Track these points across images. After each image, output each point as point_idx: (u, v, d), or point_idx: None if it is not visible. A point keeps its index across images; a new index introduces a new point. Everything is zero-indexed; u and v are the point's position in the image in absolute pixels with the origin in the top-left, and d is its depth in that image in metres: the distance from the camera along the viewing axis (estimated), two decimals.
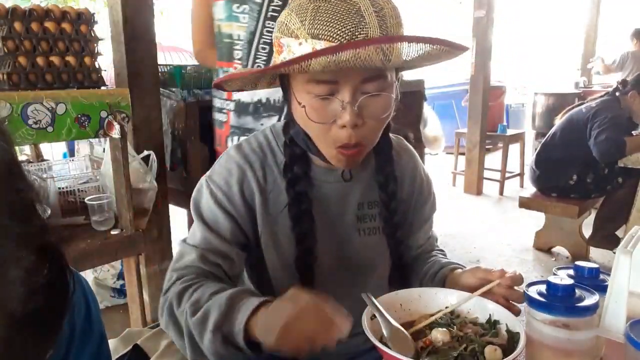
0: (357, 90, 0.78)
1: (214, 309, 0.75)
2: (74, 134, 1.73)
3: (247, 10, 1.79)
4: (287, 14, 0.78)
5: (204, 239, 0.88)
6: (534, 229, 3.58)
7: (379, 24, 0.74)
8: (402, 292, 0.83)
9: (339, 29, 0.73)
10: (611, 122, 2.80)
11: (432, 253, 1.08)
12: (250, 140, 0.96)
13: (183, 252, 0.89)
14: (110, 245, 1.85)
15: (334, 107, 0.79)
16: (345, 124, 0.78)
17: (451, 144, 5.46)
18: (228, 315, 0.74)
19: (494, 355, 0.68)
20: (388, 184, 0.96)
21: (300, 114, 0.82)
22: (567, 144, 3.04)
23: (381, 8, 0.75)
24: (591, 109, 2.95)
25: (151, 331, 0.97)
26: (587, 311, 0.70)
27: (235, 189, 0.90)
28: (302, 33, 0.75)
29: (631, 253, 0.73)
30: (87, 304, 0.64)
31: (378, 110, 0.81)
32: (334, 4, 0.74)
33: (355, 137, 0.80)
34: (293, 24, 0.76)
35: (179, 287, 0.82)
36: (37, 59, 1.72)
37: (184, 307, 0.80)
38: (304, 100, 0.80)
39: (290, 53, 0.77)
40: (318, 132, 0.82)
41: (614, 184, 3.00)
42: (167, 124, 2.64)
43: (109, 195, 1.94)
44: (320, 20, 0.74)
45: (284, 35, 0.78)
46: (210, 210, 0.90)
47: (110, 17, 2.14)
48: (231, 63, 1.90)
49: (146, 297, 2.32)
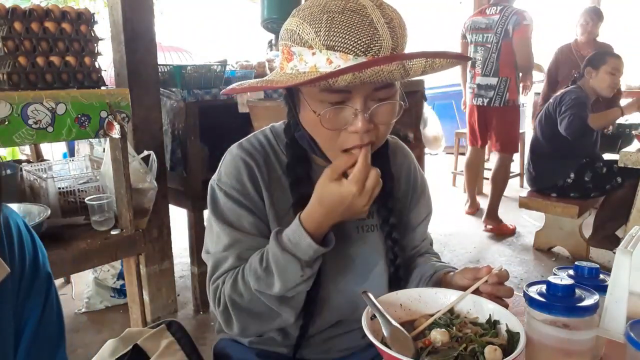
0: (368, 98, 0.80)
1: (269, 247, 0.84)
2: (74, 134, 1.74)
3: None
4: (298, 22, 0.79)
5: (233, 240, 0.90)
6: (534, 229, 3.59)
7: (391, 35, 0.76)
8: (402, 292, 0.83)
9: (355, 41, 0.74)
10: (575, 101, 2.98)
11: (426, 256, 1.08)
12: (251, 139, 0.98)
13: (217, 262, 0.91)
14: (110, 245, 1.85)
15: (345, 115, 0.81)
16: (357, 130, 0.80)
17: (451, 144, 5.46)
18: (281, 236, 0.83)
19: (494, 355, 0.68)
20: (385, 182, 0.97)
21: (312, 120, 0.83)
22: (550, 138, 3.13)
23: (391, 19, 0.77)
24: (557, 98, 3.12)
25: (151, 331, 0.97)
26: (587, 311, 0.70)
27: (249, 185, 0.91)
28: (316, 44, 0.76)
29: (631, 253, 0.73)
30: (33, 241, 0.67)
31: (387, 116, 0.84)
32: (348, 16, 0.75)
33: (367, 138, 0.82)
34: (306, 33, 0.77)
35: (229, 285, 0.87)
36: (37, 59, 1.72)
37: (246, 290, 0.85)
38: (317, 108, 0.81)
39: (302, 62, 0.78)
40: (327, 137, 0.84)
41: (613, 183, 3.01)
42: (167, 124, 2.64)
43: (109, 195, 1.94)
44: (335, 32, 0.75)
45: (296, 44, 0.79)
46: (231, 211, 0.91)
47: (110, 17, 2.14)
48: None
49: (146, 297, 2.32)
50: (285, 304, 0.85)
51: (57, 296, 0.72)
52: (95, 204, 1.88)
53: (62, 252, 1.72)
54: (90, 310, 2.55)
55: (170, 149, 2.68)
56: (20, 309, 0.64)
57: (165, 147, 2.48)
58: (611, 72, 3.02)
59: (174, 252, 2.53)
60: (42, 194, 1.98)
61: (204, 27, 7.74)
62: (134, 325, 2.13)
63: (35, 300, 0.66)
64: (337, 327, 0.99)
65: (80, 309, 2.55)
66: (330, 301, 0.96)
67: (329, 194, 0.79)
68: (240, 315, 0.87)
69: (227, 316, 0.88)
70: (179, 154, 2.66)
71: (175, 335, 0.97)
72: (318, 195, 0.81)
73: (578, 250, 3.27)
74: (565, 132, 2.97)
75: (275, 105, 2.24)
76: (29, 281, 0.65)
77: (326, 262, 0.94)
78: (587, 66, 3.09)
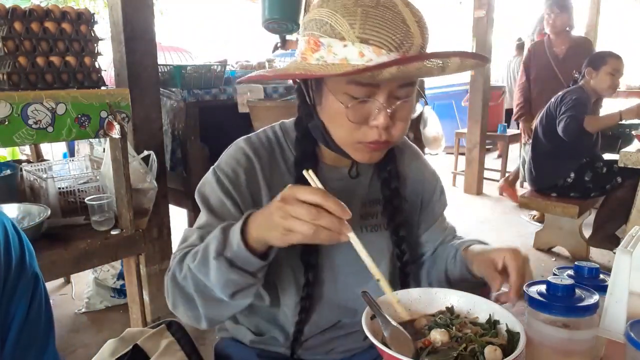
0: (391, 95, 0.81)
1: (211, 242, 0.78)
2: (74, 134, 1.74)
3: None
4: (330, 13, 0.78)
5: (207, 222, 0.90)
6: (534, 229, 3.58)
7: (420, 33, 0.78)
8: (402, 292, 0.83)
9: (390, 36, 0.75)
10: (575, 102, 2.98)
11: (452, 240, 1.08)
12: (260, 135, 0.98)
13: (186, 236, 0.91)
14: (110, 245, 1.85)
15: (369, 108, 0.82)
16: (379, 125, 0.81)
17: (451, 144, 5.46)
18: (225, 237, 0.76)
19: (494, 355, 0.68)
20: (391, 181, 0.98)
21: (335, 112, 0.84)
22: (550, 138, 3.13)
23: (420, 18, 0.79)
24: (558, 97, 3.12)
25: (151, 331, 0.97)
26: (587, 311, 0.70)
27: (242, 178, 0.91)
28: (350, 36, 0.76)
29: (631, 253, 0.73)
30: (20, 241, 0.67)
31: (406, 113, 0.85)
32: (382, 11, 0.76)
33: (385, 135, 0.83)
34: (339, 25, 0.77)
35: (178, 258, 0.85)
36: (37, 59, 1.72)
37: (185, 269, 0.82)
38: (343, 100, 0.81)
39: (331, 54, 0.78)
40: (348, 129, 0.84)
41: (613, 183, 3.01)
42: (167, 124, 2.64)
43: (109, 195, 1.94)
44: (371, 26, 0.75)
45: (325, 35, 0.78)
46: (216, 197, 0.91)
47: (110, 17, 2.14)
48: None
49: (146, 297, 2.32)
50: (203, 297, 0.81)
51: (47, 297, 0.71)
52: (95, 204, 1.88)
53: (62, 252, 1.71)
54: (90, 310, 2.55)
55: (170, 149, 2.68)
56: (5, 310, 0.64)
57: (165, 147, 2.48)
58: (611, 73, 3.02)
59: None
60: (42, 194, 1.98)
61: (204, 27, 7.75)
62: (134, 325, 2.13)
63: (21, 300, 0.66)
64: (339, 328, 0.99)
65: (80, 309, 2.55)
66: (329, 300, 0.96)
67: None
68: (174, 289, 0.85)
69: (167, 286, 0.87)
70: (179, 154, 2.66)
71: (175, 335, 0.97)
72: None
73: (578, 250, 3.27)
74: (562, 134, 2.99)
75: (275, 105, 2.24)
76: (14, 281, 0.65)
77: (327, 261, 0.94)
78: (588, 67, 3.09)
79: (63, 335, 2.32)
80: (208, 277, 0.77)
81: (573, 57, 3.60)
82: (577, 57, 3.50)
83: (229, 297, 0.78)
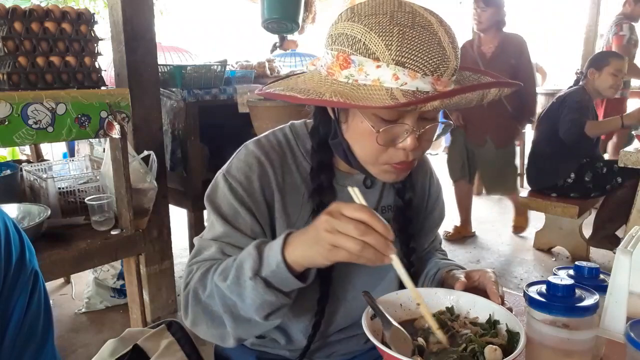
0: (420, 117, 0.79)
1: (246, 261, 0.75)
2: (74, 134, 1.74)
3: None
4: (365, 30, 0.74)
5: (223, 233, 0.87)
6: (534, 229, 3.58)
7: (455, 56, 0.75)
8: (402, 292, 0.83)
9: (427, 60, 0.72)
10: (577, 105, 2.99)
11: (435, 254, 1.09)
12: (270, 137, 0.94)
13: (201, 247, 0.89)
14: (110, 245, 1.85)
15: (397, 131, 0.79)
16: (407, 148, 0.80)
17: None
18: (261, 256, 0.74)
19: (494, 355, 0.68)
20: (405, 191, 0.97)
21: (363, 133, 0.81)
22: (550, 138, 3.13)
23: (453, 39, 0.75)
24: (560, 98, 3.12)
25: (151, 331, 0.97)
26: (587, 311, 0.70)
27: (256, 185, 0.88)
28: (385, 57, 0.72)
29: (631, 253, 0.73)
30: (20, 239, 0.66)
31: (431, 135, 0.84)
32: (419, 32, 0.72)
33: (412, 156, 0.82)
34: (375, 45, 0.73)
35: (200, 274, 0.83)
36: (37, 59, 1.72)
37: (210, 286, 0.80)
38: (373, 122, 0.79)
39: (362, 73, 0.75)
40: (376, 151, 0.82)
41: (613, 183, 3.01)
42: (167, 124, 2.64)
43: (109, 195, 1.94)
44: (408, 49, 0.72)
45: (357, 53, 0.74)
46: (229, 206, 0.88)
47: (110, 17, 2.14)
48: None
49: (146, 297, 2.32)
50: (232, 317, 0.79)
51: (46, 294, 0.71)
52: (95, 204, 1.88)
53: (62, 252, 1.71)
54: (90, 310, 2.55)
55: (170, 149, 2.69)
56: (4, 305, 0.64)
57: (165, 147, 2.48)
58: (614, 74, 3.03)
59: (174, 252, 2.53)
60: (42, 194, 1.98)
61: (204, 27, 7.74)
62: (134, 325, 2.13)
63: (19, 298, 0.66)
64: (341, 331, 0.99)
65: (80, 309, 2.55)
66: (341, 312, 0.95)
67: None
68: (196, 307, 0.83)
69: (186, 303, 0.85)
70: (179, 154, 2.66)
71: (175, 335, 0.97)
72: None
73: (578, 250, 3.27)
74: (563, 137, 2.99)
75: (275, 105, 2.24)
76: (14, 276, 0.65)
77: (343, 269, 0.92)
78: (590, 67, 3.09)
79: (63, 335, 2.31)
80: (242, 298, 0.75)
81: (502, 55, 3.32)
82: (506, 55, 3.29)
83: (263, 318, 0.76)
